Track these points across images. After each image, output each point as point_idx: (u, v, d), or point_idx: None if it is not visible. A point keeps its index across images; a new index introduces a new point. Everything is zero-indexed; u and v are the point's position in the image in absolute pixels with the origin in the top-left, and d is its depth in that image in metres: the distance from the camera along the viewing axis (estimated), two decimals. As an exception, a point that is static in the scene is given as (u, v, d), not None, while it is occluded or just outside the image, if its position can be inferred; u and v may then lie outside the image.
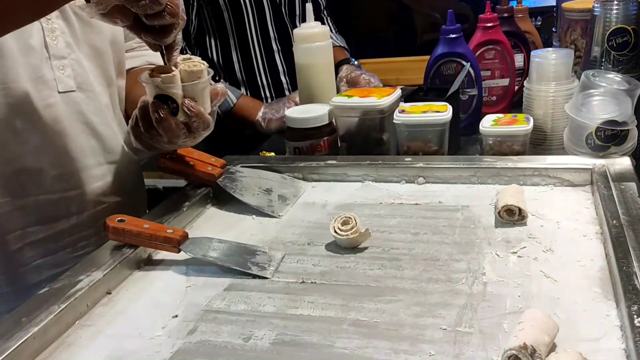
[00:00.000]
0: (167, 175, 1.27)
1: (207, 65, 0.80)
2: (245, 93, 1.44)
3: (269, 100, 1.45)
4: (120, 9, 0.65)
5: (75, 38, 0.86)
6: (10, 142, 0.80)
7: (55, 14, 0.82)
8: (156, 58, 1.05)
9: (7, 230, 0.83)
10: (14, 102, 0.79)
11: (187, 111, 0.77)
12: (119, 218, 0.75)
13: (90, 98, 0.89)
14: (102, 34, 0.90)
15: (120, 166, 0.95)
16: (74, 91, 0.86)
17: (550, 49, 1.08)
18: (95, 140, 0.90)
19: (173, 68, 0.76)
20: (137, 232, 0.74)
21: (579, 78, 0.97)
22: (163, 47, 0.73)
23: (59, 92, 0.84)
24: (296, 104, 1.23)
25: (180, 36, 0.73)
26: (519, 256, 0.70)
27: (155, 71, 0.76)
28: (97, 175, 0.91)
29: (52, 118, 0.83)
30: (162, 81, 0.75)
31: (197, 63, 0.78)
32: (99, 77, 0.91)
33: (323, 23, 1.54)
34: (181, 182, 0.99)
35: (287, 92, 1.47)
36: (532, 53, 1.02)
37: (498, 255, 0.70)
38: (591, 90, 0.91)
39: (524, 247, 0.72)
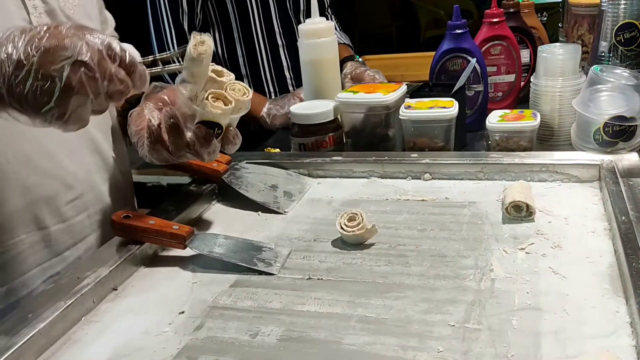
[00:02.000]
0: (171, 172, 1.27)
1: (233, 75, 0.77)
2: (249, 86, 1.43)
3: (273, 95, 1.45)
4: None
5: None
6: (23, 172, 0.76)
7: (46, 21, 0.77)
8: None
9: (27, 269, 0.78)
10: (20, 128, 0.73)
11: (233, 140, 0.76)
12: (125, 214, 0.75)
13: None
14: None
15: (118, 178, 0.93)
16: None
17: (557, 44, 1.07)
18: (99, 156, 0.87)
19: (229, 98, 0.73)
20: (143, 228, 0.74)
21: (586, 73, 0.96)
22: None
23: None
24: (301, 100, 1.22)
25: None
26: (527, 252, 0.69)
27: (210, 95, 0.72)
28: (103, 193, 0.88)
29: (61, 140, 0.79)
30: (224, 113, 0.72)
31: (242, 88, 0.75)
32: None
33: (326, 19, 1.53)
34: (185, 179, 0.99)
35: (290, 87, 1.46)
36: (539, 48, 1.02)
37: (506, 252, 0.70)
38: (599, 86, 0.91)
39: (532, 243, 0.71)
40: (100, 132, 0.88)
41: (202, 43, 0.69)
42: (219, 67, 0.75)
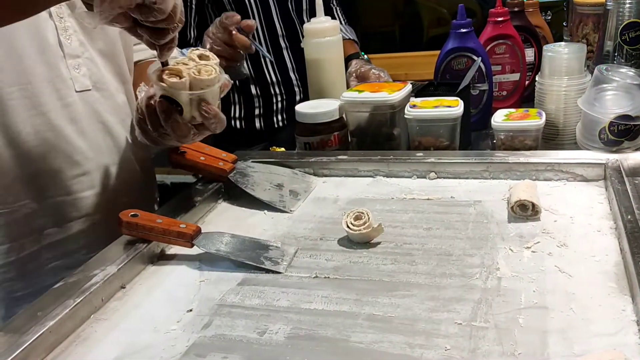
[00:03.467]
0: (175, 171, 1.27)
1: (218, 61, 0.77)
2: (254, 90, 1.43)
3: (279, 97, 1.45)
4: (120, 14, 0.64)
5: (87, 36, 0.85)
6: (29, 143, 0.80)
7: (67, 12, 0.82)
8: None
9: (25, 233, 0.82)
10: (33, 102, 0.79)
11: (205, 114, 0.75)
12: (132, 213, 0.75)
13: (106, 97, 0.88)
14: (112, 31, 0.89)
15: (134, 164, 0.95)
16: (89, 90, 0.85)
17: (562, 43, 1.07)
18: (111, 138, 0.90)
19: (184, 74, 0.73)
20: (151, 227, 0.74)
21: (591, 73, 0.96)
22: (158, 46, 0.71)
23: (76, 92, 0.83)
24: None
25: (176, 36, 0.71)
26: (533, 251, 0.70)
27: (165, 72, 0.73)
28: (112, 174, 0.90)
29: (69, 117, 0.83)
30: (170, 86, 0.72)
31: (211, 68, 0.75)
32: (113, 75, 0.90)
33: (332, 14, 1.53)
34: (189, 178, 0.99)
35: (296, 89, 1.47)
36: (545, 47, 1.02)
37: (512, 251, 0.70)
38: (604, 85, 0.91)
39: (538, 242, 0.71)
40: (115, 117, 0.90)
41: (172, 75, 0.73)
42: (207, 53, 0.77)
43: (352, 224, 0.76)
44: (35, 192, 0.82)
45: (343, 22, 1.56)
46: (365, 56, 1.45)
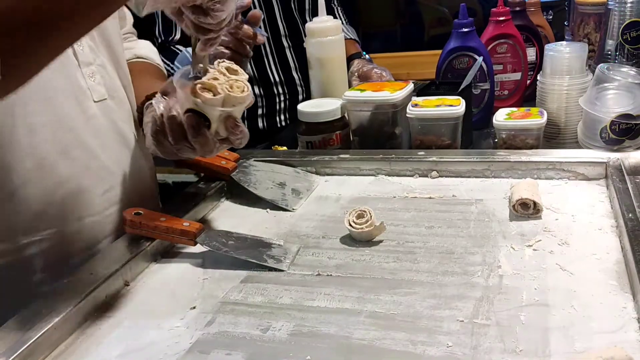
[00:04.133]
0: (177, 170, 1.27)
1: (247, 76, 0.73)
2: (257, 90, 1.44)
3: (282, 96, 1.45)
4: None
5: (94, 41, 0.81)
6: (60, 163, 0.75)
7: None
8: (143, 51, 1.00)
9: (56, 260, 0.77)
10: (59, 117, 0.75)
11: (232, 130, 0.70)
12: (136, 211, 0.76)
13: (118, 105, 0.85)
14: (113, 32, 0.86)
15: (144, 172, 0.92)
16: (106, 99, 0.82)
17: (564, 42, 1.07)
18: (126, 149, 0.87)
19: (219, 90, 0.68)
20: (154, 225, 0.75)
21: (592, 72, 0.96)
22: (198, 38, 0.66)
23: (94, 102, 0.79)
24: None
25: (220, 35, 0.67)
26: (534, 249, 0.70)
27: (198, 86, 0.68)
28: (129, 187, 0.87)
29: (94, 131, 0.79)
30: (204, 102, 0.68)
31: (242, 84, 0.71)
32: (120, 79, 0.87)
33: (333, 13, 1.54)
34: (192, 177, 0.99)
35: (299, 88, 1.47)
36: (546, 47, 1.02)
37: (513, 249, 0.71)
38: (605, 84, 0.91)
39: (539, 240, 0.72)
40: (127, 125, 0.87)
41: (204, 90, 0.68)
42: (235, 67, 0.73)
43: (354, 222, 0.76)
44: (66, 215, 0.77)
45: (344, 22, 1.56)
46: (367, 56, 1.45)
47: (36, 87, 0.72)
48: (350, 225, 0.76)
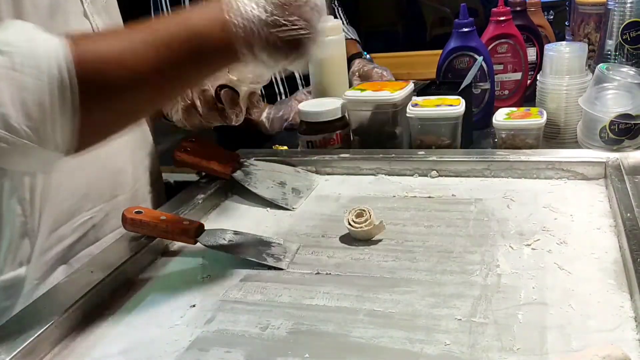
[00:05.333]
0: (179, 170, 1.28)
1: None
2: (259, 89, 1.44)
3: (283, 95, 1.46)
4: None
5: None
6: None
7: (94, 10, 0.80)
8: None
9: (103, 234, 0.83)
10: None
11: (254, 104, 0.90)
12: (137, 210, 0.76)
13: None
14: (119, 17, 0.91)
15: (152, 156, 0.97)
16: None
17: (564, 42, 1.07)
18: (141, 133, 0.92)
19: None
20: (154, 223, 0.75)
21: (592, 72, 0.96)
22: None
23: None
24: (299, 102, 1.23)
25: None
26: (532, 249, 0.70)
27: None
28: (143, 169, 0.93)
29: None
30: (240, 80, 0.86)
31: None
32: None
33: (334, 13, 1.54)
34: (192, 176, 1.00)
35: (300, 87, 1.47)
36: (546, 47, 1.02)
37: (512, 248, 0.71)
38: (605, 84, 0.91)
39: (538, 239, 0.72)
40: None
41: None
42: None
43: (353, 221, 0.76)
44: (108, 194, 0.83)
45: (345, 22, 1.56)
46: (368, 56, 1.46)
47: None
48: (350, 224, 0.76)
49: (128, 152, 0.88)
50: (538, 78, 1.03)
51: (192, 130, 0.92)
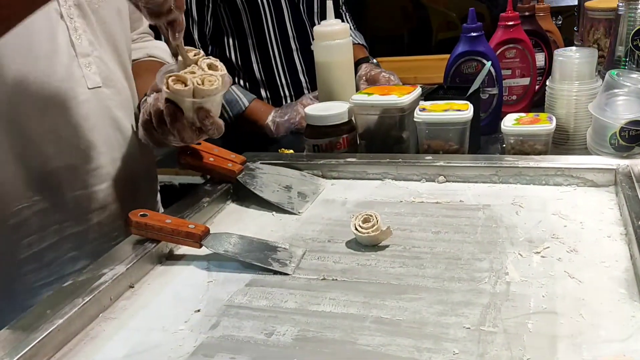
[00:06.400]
0: (183, 172, 1.27)
1: (225, 73, 0.81)
2: (264, 92, 1.44)
3: (289, 99, 1.45)
4: None
5: (95, 36, 0.87)
6: (46, 140, 0.81)
7: (76, 13, 0.84)
8: (156, 50, 1.07)
9: (44, 226, 0.84)
10: (49, 100, 0.81)
11: (202, 122, 0.78)
12: (142, 213, 0.76)
13: (114, 93, 0.90)
14: (117, 30, 0.91)
15: (140, 157, 0.97)
16: (100, 87, 0.87)
17: (573, 47, 1.06)
18: (120, 133, 0.92)
19: (189, 83, 0.76)
20: (160, 227, 0.75)
21: (602, 78, 0.96)
22: (163, 26, 0.74)
23: (88, 89, 0.85)
24: (305, 106, 1.23)
25: (182, 18, 0.74)
26: (542, 256, 0.69)
27: (172, 78, 0.77)
28: (122, 167, 0.92)
29: (83, 114, 0.85)
30: (173, 92, 0.76)
31: (215, 79, 0.78)
32: (119, 72, 0.92)
33: (342, 19, 1.54)
34: (197, 179, 1.00)
35: (306, 91, 1.47)
36: (555, 52, 1.02)
37: (521, 255, 0.70)
38: (615, 90, 0.90)
39: (547, 247, 0.71)
40: (123, 112, 0.92)
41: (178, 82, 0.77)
42: (217, 63, 0.81)
43: (360, 226, 0.76)
44: (53, 188, 0.83)
45: (352, 28, 1.56)
46: (375, 60, 1.45)
47: (30, 74, 0.78)
48: (356, 229, 0.76)
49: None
50: (547, 83, 1.02)
51: (155, 147, 0.88)
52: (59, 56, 0.81)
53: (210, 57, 0.81)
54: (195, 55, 0.80)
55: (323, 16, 1.26)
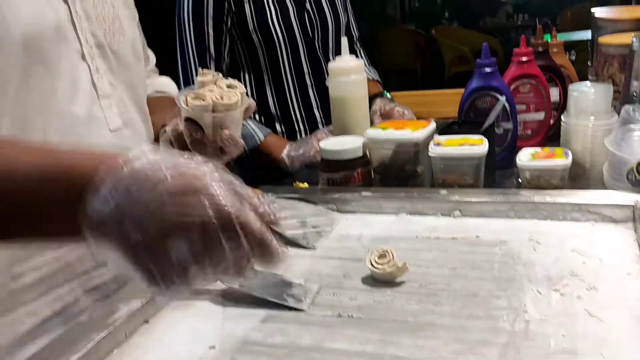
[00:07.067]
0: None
1: (244, 92, 0.81)
2: (279, 127, 1.45)
3: (303, 134, 1.47)
4: None
5: (115, 76, 0.87)
6: None
7: (97, 53, 0.83)
8: (162, 87, 1.09)
9: (69, 279, 0.81)
10: (72, 143, 0.78)
11: (222, 142, 0.79)
12: None
13: (133, 133, 0.89)
14: (135, 70, 0.91)
15: None
16: (121, 129, 0.86)
17: (588, 82, 1.07)
18: None
19: (208, 98, 0.77)
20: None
21: (618, 113, 0.95)
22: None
23: (110, 131, 0.84)
24: (319, 140, 1.23)
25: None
26: (561, 294, 0.68)
27: (190, 95, 0.78)
28: None
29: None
30: (192, 108, 0.77)
31: (233, 94, 0.79)
32: (137, 112, 0.92)
33: (356, 54, 1.56)
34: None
35: (320, 126, 1.48)
36: (570, 87, 1.02)
37: (540, 293, 0.69)
38: (631, 125, 0.90)
39: (567, 284, 0.70)
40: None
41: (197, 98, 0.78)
42: (236, 83, 0.81)
43: (376, 262, 0.75)
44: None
45: (367, 64, 1.58)
46: (389, 95, 1.46)
47: (56, 117, 0.77)
48: (372, 265, 0.75)
49: None
50: (562, 118, 1.02)
51: None
52: (81, 98, 0.80)
53: (229, 78, 0.82)
54: (213, 77, 0.81)
55: (338, 52, 1.28)
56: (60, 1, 0.77)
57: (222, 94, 0.78)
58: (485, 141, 0.97)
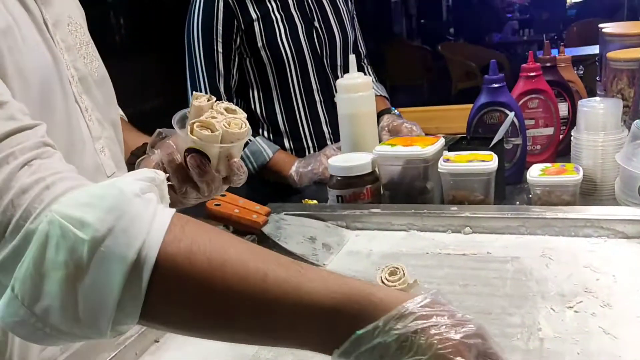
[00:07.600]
0: (208, 222, 1.27)
1: (246, 115, 0.74)
2: (288, 143, 1.46)
3: (312, 150, 1.47)
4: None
5: (100, 112, 0.79)
6: None
7: (82, 89, 0.74)
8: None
9: None
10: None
11: (232, 169, 0.71)
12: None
13: (122, 172, 0.81)
14: (109, 99, 0.83)
15: None
16: (115, 173, 0.79)
17: (597, 98, 1.07)
18: None
19: (217, 127, 0.69)
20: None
21: (628, 128, 0.95)
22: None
23: (107, 177, 0.77)
24: (328, 157, 1.22)
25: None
26: (575, 311, 0.67)
27: (196, 124, 0.68)
28: None
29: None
30: (202, 139, 0.68)
31: (240, 122, 0.71)
32: (120, 149, 0.85)
33: (364, 71, 1.56)
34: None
35: (329, 142, 1.48)
36: (580, 102, 1.02)
37: (553, 310, 0.68)
38: (642, 140, 0.90)
39: (580, 301, 0.69)
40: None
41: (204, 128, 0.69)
42: (234, 107, 0.73)
43: (387, 279, 0.74)
44: None
45: (374, 80, 1.59)
46: (397, 111, 1.47)
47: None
48: (383, 282, 0.74)
49: None
50: (572, 134, 1.02)
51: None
52: (86, 147, 0.74)
53: (225, 100, 0.74)
54: (208, 101, 0.72)
55: (346, 69, 1.29)
56: (49, 37, 0.69)
57: (229, 120, 0.71)
58: (495, 157, 0.97)
